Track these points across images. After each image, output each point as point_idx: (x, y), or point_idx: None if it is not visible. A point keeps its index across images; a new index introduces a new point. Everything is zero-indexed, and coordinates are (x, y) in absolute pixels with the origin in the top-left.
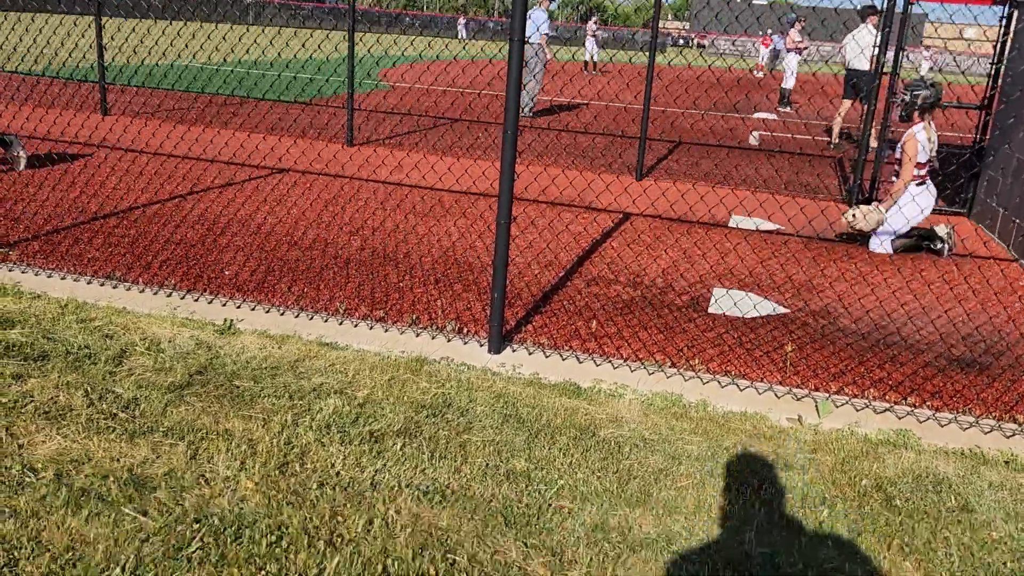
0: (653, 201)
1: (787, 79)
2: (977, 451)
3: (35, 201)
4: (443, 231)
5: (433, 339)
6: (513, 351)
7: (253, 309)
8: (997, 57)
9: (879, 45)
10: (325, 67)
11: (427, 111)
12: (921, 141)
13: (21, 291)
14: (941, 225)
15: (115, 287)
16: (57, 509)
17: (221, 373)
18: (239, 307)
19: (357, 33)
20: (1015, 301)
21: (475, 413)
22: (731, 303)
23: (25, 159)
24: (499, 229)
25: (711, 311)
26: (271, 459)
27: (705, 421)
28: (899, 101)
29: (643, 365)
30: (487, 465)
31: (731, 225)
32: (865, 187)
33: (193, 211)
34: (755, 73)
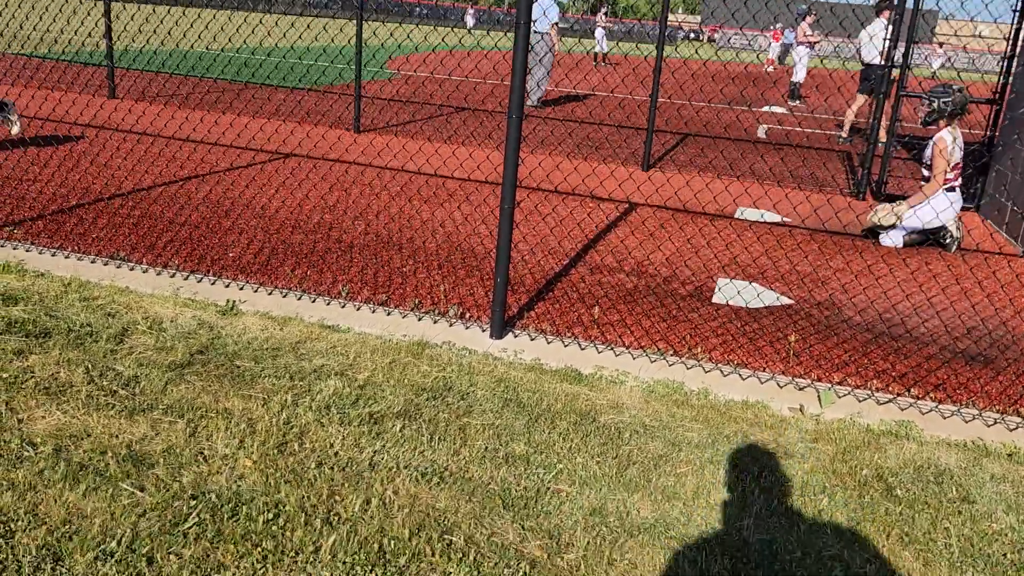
0: (659, 190)
1: (797, 72)
2: (980, 443)
3: (40, 180)
4: (448, 217)
5: (435, 323)
6: (515, 337)
7: (256, 291)
8: (1010, 49)
9: (889, 38)
10: (338, 57)
11: (434, 98)
12: (949, 145)
13: (25, 269)
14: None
15: (119, 267)
16: (55, 483)
17: (222, 353)
18: (242, 289)
19: (373, 23)
20: (1022, 295)
21: (475, 397)
22: (735, 293)
23: (18, 123)
24: (502, 214)
25: (715, 301)
26: (270, 438)
27: (706, 409)
28: (927, 101)
29: (645, 353)
30: (486, 448)
31: (737, 216)
32: (873, 180)
33: (198, 193)
34: (765, 68)
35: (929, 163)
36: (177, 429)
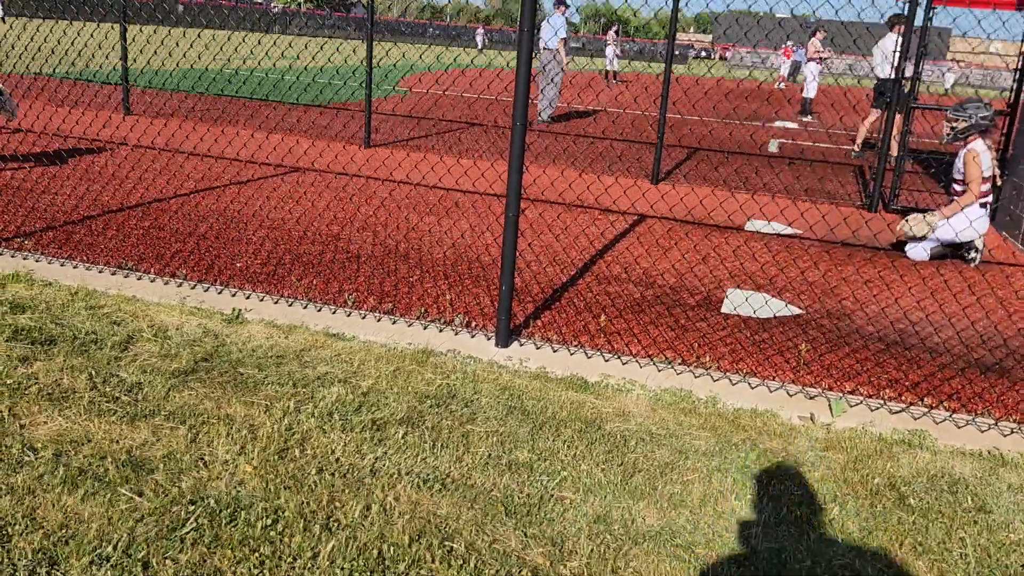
0: (669, 205)
1: (808, 88)
2: (996, 453)
3: (50, 192)
4: (455, 229)
5: (440, 332)
6: (521, 345)
7: (262, 299)
8: (1021, 63)
9: (898, 51)
10: (351, 76)
11: (444, 115)
12: (983, 153)
13: (33, 278)
14: None
15: (126, 276)
16: (53, 487)
17: (226, 360)
18: (248, 297)
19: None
20: None
21: (479, 404)
22: (744, 302)
23: (14, 111)
24: (507, 221)
25: (724, 311)
26: (271, 444)
27: (714, 417)
28: (964, 116)
29: (652, 361)
30: (489, 455)
31: (747, 228)
32: (885, 194)
33: (208, 206)
34: (776, 84)
35: (961, 175)
36: (178, 435)
